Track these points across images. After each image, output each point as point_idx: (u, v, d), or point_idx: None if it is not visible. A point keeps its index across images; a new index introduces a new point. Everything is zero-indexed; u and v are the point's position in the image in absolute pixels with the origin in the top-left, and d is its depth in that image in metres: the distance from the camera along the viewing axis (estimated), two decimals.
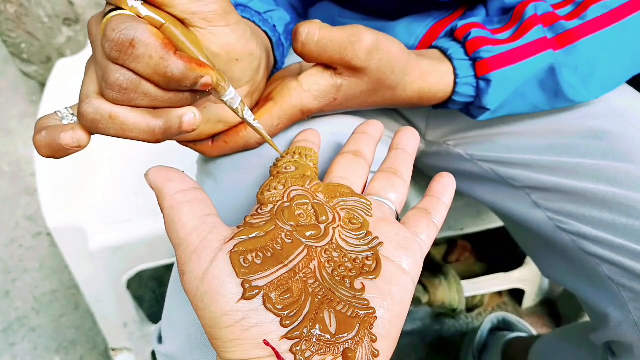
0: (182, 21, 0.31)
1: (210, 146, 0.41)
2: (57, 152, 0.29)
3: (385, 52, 0.39)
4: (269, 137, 0.37)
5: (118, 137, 0.30)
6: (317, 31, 0.37)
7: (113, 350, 0.93)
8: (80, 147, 0.29)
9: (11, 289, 1.13)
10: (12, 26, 1.26)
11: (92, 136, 0.31)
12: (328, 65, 0.39)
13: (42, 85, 1.45)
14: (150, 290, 1.11)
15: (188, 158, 0.77)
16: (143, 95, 0.29)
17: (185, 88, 0.29)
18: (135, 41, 0.27)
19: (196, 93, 0.31)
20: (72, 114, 0.31)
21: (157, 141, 0.31)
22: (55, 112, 0.31)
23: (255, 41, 0.36)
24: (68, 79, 0.89)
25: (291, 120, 0.41)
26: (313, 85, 0.39)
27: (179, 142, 0.42)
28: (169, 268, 0.57)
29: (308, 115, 0.41)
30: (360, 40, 0.37)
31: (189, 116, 0.30)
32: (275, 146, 0.37)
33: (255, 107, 0.41)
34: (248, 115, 0.34)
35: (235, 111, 0.34)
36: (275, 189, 0.32)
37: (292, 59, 0.50)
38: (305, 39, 0.37)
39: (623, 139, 0.47)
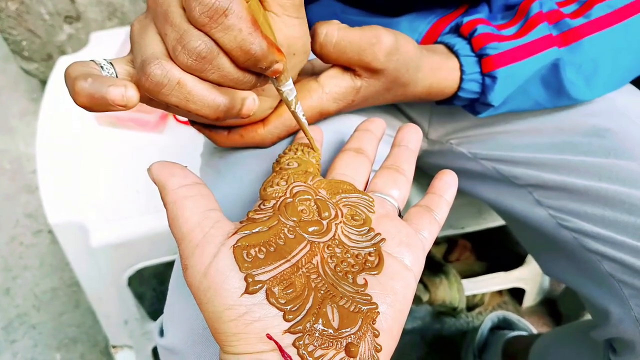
0: (261, 2, 0.30)
1: (225, 136, 0.41)
2: (96, 105, 0.27)
3: (403, 52, 0.39)
4: (311, 134, 0.36)
5: (177, 106, 0.28)
6: (336, 32, 0.37)
7: (114, 347, 0.93)
8: (125, 107, 0.27)
9: (12, 286, 1.13)
10: (13, 23, 1.26)
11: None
12: (347, 67, 0.39)
13: (43, 82, 1.45)
14: (150, 288, 1.12)
15: (190, 154, 0.77)
16: (215, 69, 0.28)
17: (258, 70, 0.29)
18: (229, 11, 0.26)
19: (260, 78, 0.30)
20: (112, 65, 0.29)
21: (216, 119, 0.30)
22: (91, 61, 0.29)
23: (309, 41, 0.36)
24: None
25: (309, 121, 0.41)
26: (334, 88, 0.39)
27: (193, 124, 0.42)
28: (169, 265, 0.56)
29: (325, 117, 0.41)
30: (380, 42, 0.37)
31: (250, 100, 0.30)
32: (315, 144, 0.37)
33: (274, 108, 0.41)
34: (299, 110, 0.34)
35: (288, 103, 0.33)
36: (277, 184, 0.32)
37: None
38: (324, 40, 0.37)
39: (625, 137, 0.47)
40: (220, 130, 0.41)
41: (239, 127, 0.41)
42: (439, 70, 0.43)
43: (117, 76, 0.30)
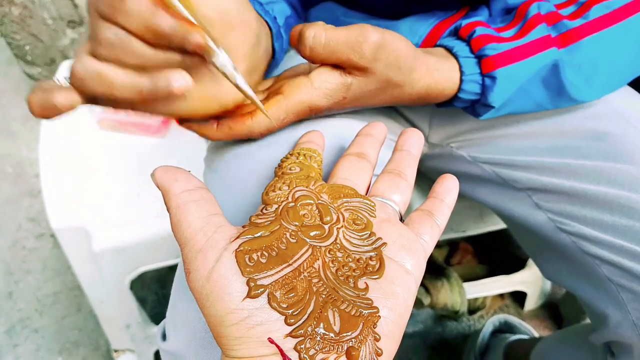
0: None
1: (215, 129, 0.41)
2: (49, 110, 0.29)
3: (391, 51, 0.39)
4: (261, 105, 0.36)
5: (106, 96, 0.30)
6: (324, 33, 0.37)
7: (115, 351, 0.93)
8: (72, 107, 0.29)
9: (14, 290, 1.14)
10: (16, 28, 1.27)
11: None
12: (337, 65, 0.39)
13: None
14: (152, 292, 1.12)
15: (192, 158, 0.77)
16: (132, 54, 0.29)
17: (176, 47, 0.30)
18: None
19: (186, 54, 0.31)
20: (68, 80, 0.32)
21: (143, 101, 0.30)
22: (53, 79, 0.32)
23: (253, 14, 0.36)
24: None
25: (298, 116, 0.41)
26: (323, 83, 0.39)
27: (181, 123, 0.42)
28: (171, 269, 0.57)
29: (316, 113, 0.41)
30: (366, 40, 0.37)
31: (177, 77, 0.29)
32: (266, 112, 0.37)
33: (263, 100, 0.41)
34: (240, 81, 0.34)
35: (227, 76, 0.33)
36: (279, 189, 0.32)
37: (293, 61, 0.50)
38: (313, 43, 0.37)
39: (624, 140, 0.48)
40: (208, 124, 0.41)
41: (226, 119, 0.41)
42: (436, 71, 0.43)
43: None
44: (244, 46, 0.37)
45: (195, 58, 0.32)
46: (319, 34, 0.37)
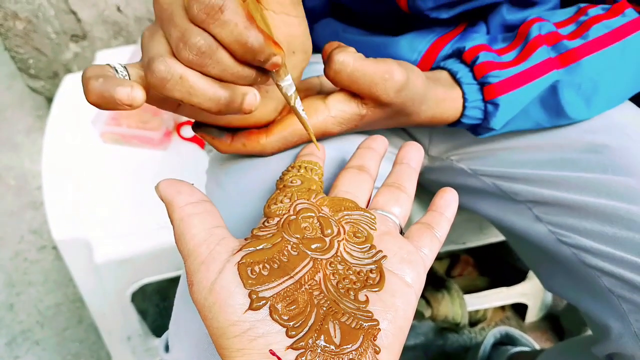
0: (258, 1, 0.32)
1: (228, 144, 0.41)
2: (106, 103, 0.28)
3: (412, 88, 0.40)
4: (312, 132, 0.37)
5: (181, 100, 0.30)
6: (352, 62, 0.37)
7: None
8: (131, 107, 0.29)
9: (15, 302, 1.14)
10: (20, 42, 1.28)
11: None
12: (355, 93, 0.40)
13: (49, 100, 1.46)
14: (153, 304, 1.11)
15: (193, 171, 0.78)
16: (216, 63, 0.30)
17: (257, 63, 0.30)
18: (224, 7, 0.28)
19: (261, 72, 0.32)
20: (125, 69, 0.31)
21: (218, 112, 0.31)
22: (107, 64, 0.31)
23: (310, 41, 0.37)
24: (75, 94, 0.91)
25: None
26: (340, 112, 0.40)
27: (196, 129, 0.41)
28: (172, 281, 0.57)
29: (327, 137, 0.42)
30: (392, 78, 0.38)
31: (251, 95, 0.31)
32: (316, 142, 0.38)
33: (278, 115, 0.42)
34: (299, 105, 0.35)
35: (287, 98, 0.34)
36: (281, 202, 0.32)
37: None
38: (339, 68, 0.38)
39: (623, 153, 0.48)
40: (222, 137, 0.42)
41: (241, 134, 0.41)
42: (443, 102, 0.44)
43: (129, 78, 0.31)
44: (296, 71, 0.38)
45: (264, 76, 0.33)
46: (347, 62, 0.37)
